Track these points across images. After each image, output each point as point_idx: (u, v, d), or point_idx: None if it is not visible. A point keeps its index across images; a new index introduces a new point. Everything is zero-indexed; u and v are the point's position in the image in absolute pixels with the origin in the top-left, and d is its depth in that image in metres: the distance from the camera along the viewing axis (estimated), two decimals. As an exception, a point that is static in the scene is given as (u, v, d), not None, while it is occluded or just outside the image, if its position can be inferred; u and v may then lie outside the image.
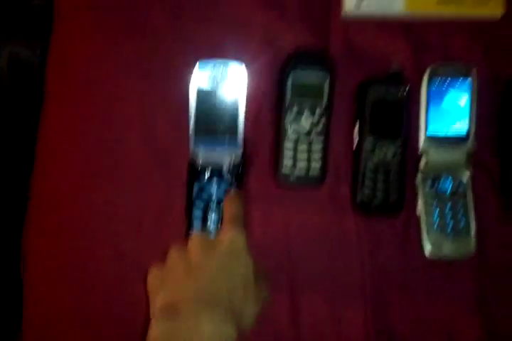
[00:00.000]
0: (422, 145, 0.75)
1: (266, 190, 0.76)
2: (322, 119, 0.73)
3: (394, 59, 0.78)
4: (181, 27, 0.79)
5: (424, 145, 0.75)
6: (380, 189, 0.75)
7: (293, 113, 0.73)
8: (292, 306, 0.75)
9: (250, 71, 0.71)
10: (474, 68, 0.75)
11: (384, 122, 0.75)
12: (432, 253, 0.74)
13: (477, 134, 0.76)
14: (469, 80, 0.75)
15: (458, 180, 0.75)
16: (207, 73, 0.69)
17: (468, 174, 0.75)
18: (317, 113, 0.73)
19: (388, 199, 0.75)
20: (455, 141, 0.75)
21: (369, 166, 0.75)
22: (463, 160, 0.75)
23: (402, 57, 0.79)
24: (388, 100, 0.75)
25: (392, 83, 0.75)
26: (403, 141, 0.75)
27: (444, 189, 0.75)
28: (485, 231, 0.76)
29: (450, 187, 0.75)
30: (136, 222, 0.76)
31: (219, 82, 0.70)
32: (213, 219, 0.73)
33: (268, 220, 0.76)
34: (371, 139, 0.74)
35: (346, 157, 0.77)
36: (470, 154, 0.76)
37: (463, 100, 0.75)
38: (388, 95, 0.75)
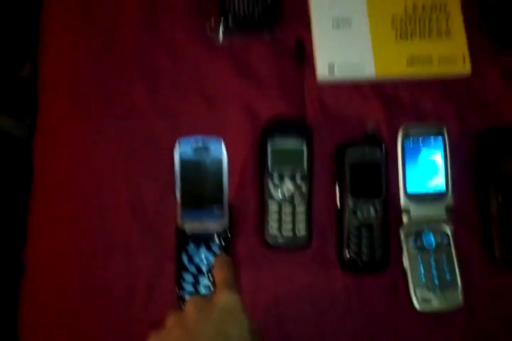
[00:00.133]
0: (403, 202, 0.77)
1: (253, 252, 0.78)
2: (303, 184, 0.76)
3: (368, 121, 0.81)
4: (160, 99, 0.82)
5: (404, 202, 0.77)
6: (366, 247, 0.76)
7: (275, 179, 0.76)
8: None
9: (230, 142, 0.73)
10: (445, 127, 0.78)
11: (363, 183, 0.77)
12: (421, 306, 0.76)
13: (456, 188, 0.78)
14: (441, 139, 0.78)
15: (440, 235, 0.77)
16: (188, 149, 0.71)
17: (450, 228, 0.77)
18: (298, 178, 0.76)
19: (374, 256, 0.77)
20: (434, 197, 0.77)
21: (353, 225, 0.76)
22: (443, 214, 0.77)
23: (376, 117, 0.82)
24: (366, 162, 0.77)
25: (368, 145, 0.78)
26: (384, 200, 0.77)
27: (428, 244, 0.77)
28: (472, 282, 0.78)
29: (433, 241, 0.77)
30: (126, 289, 0.77)
31: (200, 157, 0.72)
32: (204, 283, 0.74)
33: (257, 282, 0.77)
34: (352, 200, 0.76)
35: (330, 216, 0.79)
36: (450, 208, 0.78)
37: (438, 157, 0.78)
38: (365, 157, 0.77)
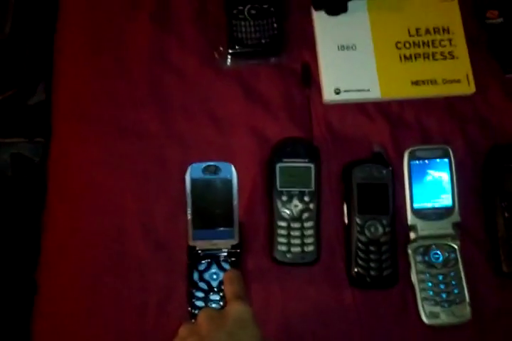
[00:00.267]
0: (410, 219, 0.79)
1: (262, 269, 0.80)
2: (311, 201, 0.78)
3: (374, 140, 0.84)
4: (170, 122, 0.84)
5: (411, 219, 0.79)
6: (374, 263, 0.78)
7: (283, 197, 0.78)
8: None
9: (238, 163, 0.76)
10: (450, 149, 0.80)
11: (371, 201, 0.79)
12: (429, 321, 0.77)
13: (462, 205, 0.79)
14: (447, 161, 0.80)
15: (448, 250, 0.79)
16: (199, 173, 0.75)
17: (457, 244, 0.79)
18: (306, 196, 0.78)
19: (382, 272, 0.78)
20: (441, 213, 0.79)
21: (361, 243, 0.78)
22: (451, 230, 0.79)
23: (382, 137, 0.85)
24: (373, 180, 0.79)
25: (375, 164, 0.80)
26: (391, 218, 0.79)
27: (435, 259, 0.78)
28: (480, 297, 0.79)
29: (441, 257, 0.78)
30: (139, 306, 0.78)
31: (211, 182, 0.75)
32: (215, 300, 0.76)
33: (266, 298, 0.79)
34: (360, 218, 0.79)
35: (338, 232, 0.81)
36: (457, 224, 0.79)
37: (444, 177, 0.80)
38: (372, 176, 0.79)
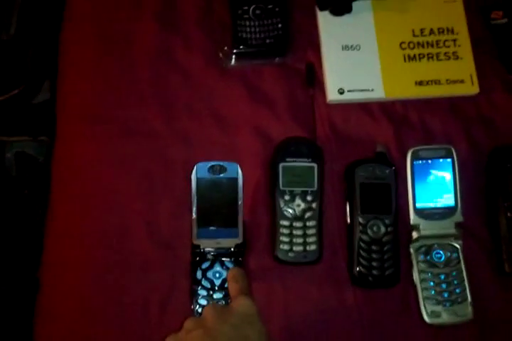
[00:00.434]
0: (412, 218, 0.80)
1: (265, 268, 0.80)
2: (314, 201, 0.79)
3: (378, 140, 0.84)
4: (174, 122, 0.85)
5: (414, 219, 0.80)
6: (376, 262, 0.78)
7: (286, 196, 0.78)
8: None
9: (242, 162, 0.77)
10: (453, 149, 0.80)
11: (373, 201, 0.80)
12: (431, 320, 0.77)
13: (465, 204, 0.80)
14: (450, 160, 0.80)
15: (450, 250, 0.79)
16: (205, 172, 0.75)
17: (459, 243, 0.79)
18: (309, 195, 0.78)
19: (384, 272, 0.78)
20: (444, 213, 0.80)
21: (363, 242, 0.79)
22: (453, 230, 0.79)
23: (385, 137, 0.85)
24: (375, 180, 0.80)
25: (378, 163, 0.80)
26: (394, 217, 0.79)
27: (437, 259, 0.79)
28: (481, 296, 0.79)
29: (443, 256, 0.79)
30: (141, 304, 0.78)
31: (217, 181, 0.76)
32: (218, 298, 0.77)
33: (268, 297, 0.79)
34: (362, 218, 0.79)
35: (341, 232, 0.81)
36: (459, 224, 0.80)
37: (447, 177, 0.80)
38: (375, 175, 0.80)
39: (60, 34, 0.91)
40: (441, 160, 0.80)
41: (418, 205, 0.80)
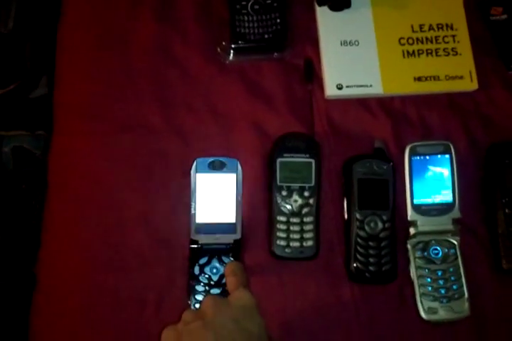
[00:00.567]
0: (410, 215, 0.80)
1: (262, 264, 0.80)
2: (311, 196, 0.79)
3: (376, 135, 0.84)
4: (172, 117, 0.85)
5: (411, 215, 0.80)
6: (373, 258, 0.78)
7: (283, 192, 0.78)
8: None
9: (240, 158, 0.76)
10: (451, 145, 0.80)
11: (371, 197, 0.80)
12: (428, 316, 0.77)
13: (462, 200, 0.80)
14: (448, 156, 0.80)
15: (447, 246, 0.79)
16: (204, 168, 0.76)
17: (456, 239, 0.79)
18: (306, 191, 0.78)
19: (381, 268, 0.79)
20: (441, 209, 0.79)
21: (360, 238, 0.79)
22: (450, 226, 0.79)
23: (383, 132, 0.85)
24: (373, 176, 0.80)
25: (376, 159, 0.80)
26: (391, 213, 0.79)
27: (434, 255, 0.79)
28: (479, 293, 0.79)
29: (440, 253, 0.79)
30: (138, 300, 0.78)
31: (216, 177, 0.76)
32: (215, 293, 0.76)
33: (265, 293, 0.78)
34: (360, 214, 0.79)
35: (338, 227, 0.81)
36: (457, 221, 0.79)
37: (445, 173, 0.80)
38: (373, 171, 0.80)
39: (58, 29, 0.90)
40: (439, 156, 0.80)
41: (416, 201, 0.80)
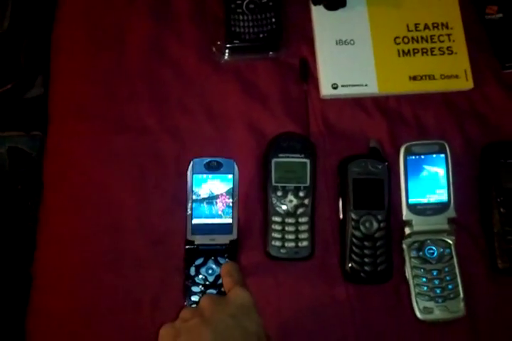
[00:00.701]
0: (405, 214, 0.80)
1: (257, 264, 0.80)
2: (306, 196, 0.78)
3: (371, 135, 0.84)
4: (167, 117, 0.84)
5: (406, 214, 0.79)
6: (368, 258, 0.78)
7: (278, 192, 0.78)
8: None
9: (235, 158, 0.77)
10: (447, 144, 0.80)
11: (366, 197, 0.79)
12: (423, 316, 0.77)
13: (458, 200, 0.79)
14: (443, 156, 0.80)
15: (443, 246, 0.79)
16: (201, 170, 0.76)
17: (452, 239, 0.79)
18: (301, 191, 0.78)
19: (377, 268, 0.78)
20: (437, 209, 0.79)
21: (356, 238, 0.79)
22: (446, 226, 0.79)
23: (379, 132, 0.85)
24: (369, 176, 0.80)
25: (371, 159, 0.80)
26: (386, 213, 0.79)
27: (430, 254, 0.79)
28: (474, 293, 0.79)
29: (435, 252, 0.79)
30: (134, 300, 0.78)
31: (212, 178, 0.76)
32: (211, 293, 0.76)
33: (260, 293, 0.76)
34: (355, 214, 0.79)
35: (333, 228, 0.81)
36: (452, 220, 0.79)
37: (440, 172, 0.80)
38: (368, 171, 0.80)
39: (53, 29, 0.90)
40: (434, 155, 0.80)
41: (411, 201, 0.79)
